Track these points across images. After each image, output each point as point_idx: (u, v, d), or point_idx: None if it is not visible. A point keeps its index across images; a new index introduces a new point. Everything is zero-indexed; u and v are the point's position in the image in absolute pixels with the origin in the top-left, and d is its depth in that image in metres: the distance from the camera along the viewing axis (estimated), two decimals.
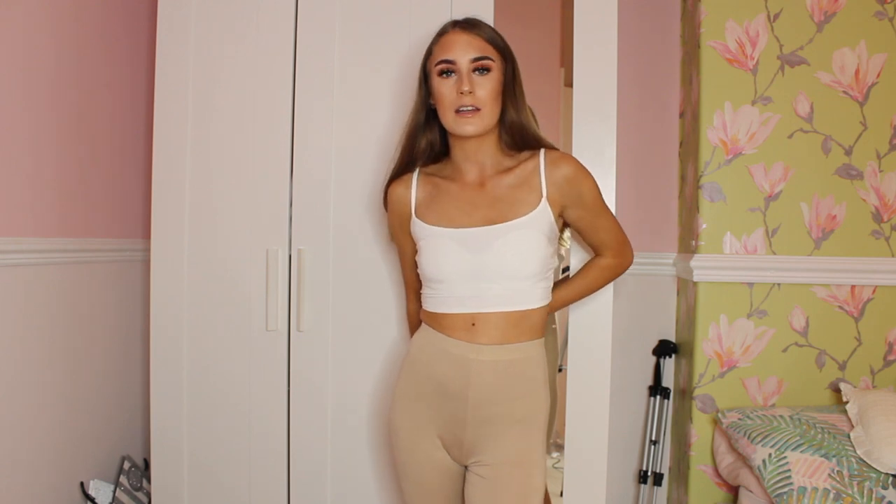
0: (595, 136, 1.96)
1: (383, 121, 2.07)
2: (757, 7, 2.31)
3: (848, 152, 2.31)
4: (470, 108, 1.51)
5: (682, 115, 2.59)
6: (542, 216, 1.55)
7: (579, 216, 1.62)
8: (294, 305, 2.10)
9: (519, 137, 1.62)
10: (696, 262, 2.32)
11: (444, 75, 1.53)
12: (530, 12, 3.47)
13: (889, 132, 2.31)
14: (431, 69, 1.56)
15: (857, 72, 2.30)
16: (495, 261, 1.52)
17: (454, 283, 1.54)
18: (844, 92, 2.31)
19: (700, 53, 2.34)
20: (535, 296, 1.56)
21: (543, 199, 1.56)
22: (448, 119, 1.54)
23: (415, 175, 1.66)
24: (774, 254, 2.32)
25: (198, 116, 2.13)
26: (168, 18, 2.13)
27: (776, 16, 2.31)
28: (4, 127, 1.92)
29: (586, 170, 1.61)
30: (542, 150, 1.61)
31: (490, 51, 1.54)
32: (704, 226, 2.34)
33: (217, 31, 2.13)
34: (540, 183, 1.57)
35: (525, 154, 1.62)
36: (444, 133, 1.64)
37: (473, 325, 1.54)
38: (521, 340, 1.55)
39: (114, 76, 2.41)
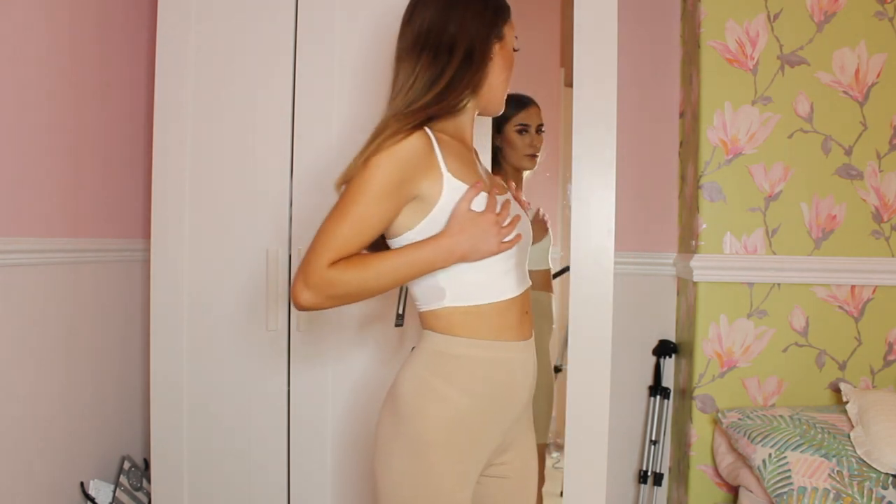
0: (595, 135, 1.96)
1: None
2: (757, 7, 2.31)
3: (848, 152, 2.31)
4: None
5: (682, 115, 2.59)
6: None
7: None
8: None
9: None
10: (696, 262, 2.32)
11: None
12: (530, 12, 3.47)
13: (889, 132, 2.31)
14: (509, 33, 1.43)
15: (857, 72, 2.30)
16: (527, 232, 1.43)
17: (511, 260, 1.35)
18: (844, 92, 2.31)
19: (700, 53, 2.34)
20: None
21: None
22: (506, 89, 1.45)
23: (428, 129, 1.32)
24: (774, 254, 2.32)
25: (198, 116, 2.13)
26: (168, 18, 2.13)
27: (776, 16, 2.31)
28: (4, 127, 1.92)
29: None
30: None
31: None
32: (704, 226, 2.34)
33: (217, 30, 2.13)
34: None
35: None
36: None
37: (527, 312, 1.40)
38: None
39: (114, 76, 2.41)
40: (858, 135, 2.31)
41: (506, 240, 1.31)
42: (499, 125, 2.51)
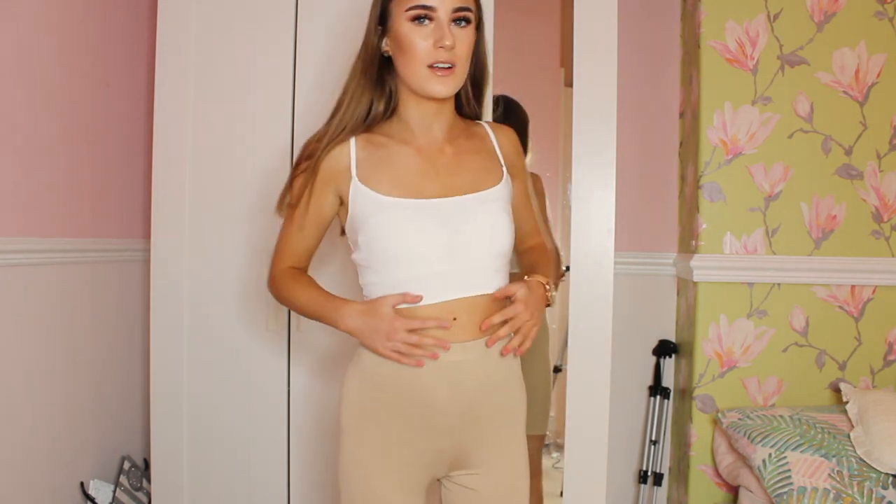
0: (595, 135, 1.96)
1: None
2: (757, 7, 2.31)
3: (848, 152, 2.31)
4: (447, 65, 1.30)
5: (682, 115, 2.59)
6: (507, 188, 1.41)
7: (518, 191, 1.47)
8: None
9: (476, 96, 1.46)
10: (696, 262, 2.32)
11: (418, 21, 1.30)
12: (530, 12, 3.47)
13: (889, 132, 2.31)
14: (397, 11, 1.32)
15: (857, 72, 2.30)
16: (475, 236, 1.33)
17: (426, 266, 1.30)
18: (844, 92, 2.31)
19: (700, 53, 2.34)
20: (502, 276, 1.37)
21: (504, 170, 1.42)
22: (417, 74, 1.31)
23: (353, 138, 1.38)
24: (774, 254, 2.32)
25: (198, 116, 2.13)
26: (169, 17, 2.13)
27: (776, 16, 2.31)
28: (3, 126, 1.92)
29: None
30: (484, 122, 1.49)
31: (471, 0, 1.33)
32: (704, 226, 2.34)
33: (217, 30, 2.13)
34: (496, 152, 1.44)
35: (470, 121, 1.47)
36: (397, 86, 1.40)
37: (455, 319, 1.31)
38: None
39: (114, 75, 2.41)
40: (858, 135, 2.31)
41: (402, 358, 1.29)
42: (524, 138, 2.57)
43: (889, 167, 2.31)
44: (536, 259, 1.51)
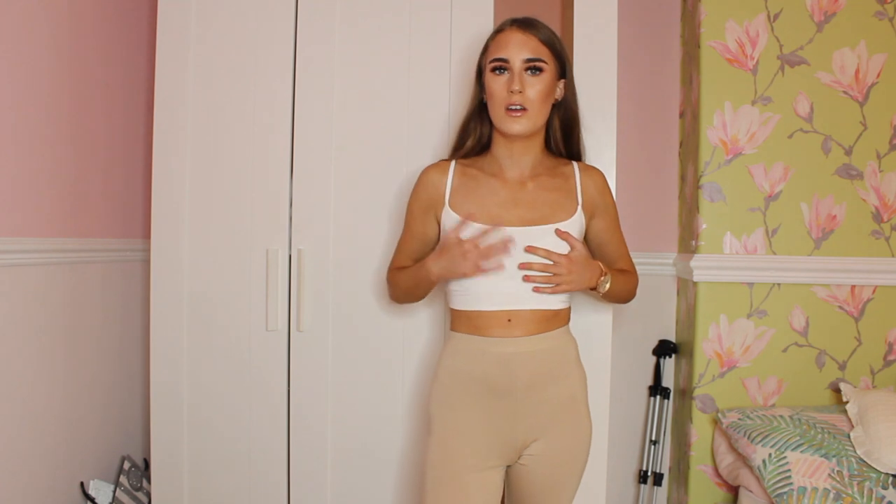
0: (595, 136, 1.96)
1: (383, 121, 2.07)
2: (757, 7, 2.32)
3: (848, 152, 2.31)
4: (518, 107, 1.54)
5: (682, 115, 2.59)
6: (577, 223, 1.61)
7: (603, 227, 1.69)
8: (294, 305, 2.10)
9: (568, 137, 1.68)
10: (696, 262, 2.32)
11: (497, 72, 1.56)
12: (530, 12, 3.47)
13: (889, 132, 2.31)
14: (486, 65, 1.59)
15: (857, 72, 2.30)
16: (532, 261, 1.56)
17: (491, 282, 1.56)
18: (844, 92, 2.31)
19: (700, 53, 2.34)
20: (561, 298, 1.62)
21: (579, 207, 1.62)
22: (497, 115, 1.57)
23: (452, 164, 1.67)
24: (774, 254, 2.32)
25: (198, 116, 2.13)
26: (168, 17, 2.13)
27: (776, 16, 2.31)
28: (3, 126, 1.92)
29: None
30: (574, 162, 1.68)
31: (544, 52, 1.56)
32: (704, 226, 2.34)
33: (217, 30, 2.13)
34: (576, 190, 1.64)
35: (562, 160, 1.69)
36: (490, 127, 1.67)
37: (509, 321, 1.58)
38: (552, 329, 1.60)
39: (113, 75, 2.41)
40: (858, 135, 2.31)
41: (484, 266, 1.52)
42: None
43: (889, 167, 2.31)
44: (618, 270, 1.71)
